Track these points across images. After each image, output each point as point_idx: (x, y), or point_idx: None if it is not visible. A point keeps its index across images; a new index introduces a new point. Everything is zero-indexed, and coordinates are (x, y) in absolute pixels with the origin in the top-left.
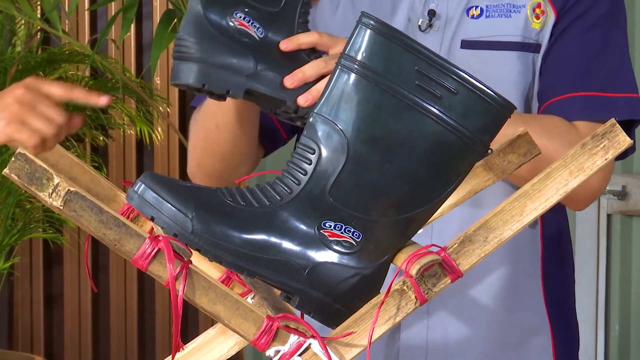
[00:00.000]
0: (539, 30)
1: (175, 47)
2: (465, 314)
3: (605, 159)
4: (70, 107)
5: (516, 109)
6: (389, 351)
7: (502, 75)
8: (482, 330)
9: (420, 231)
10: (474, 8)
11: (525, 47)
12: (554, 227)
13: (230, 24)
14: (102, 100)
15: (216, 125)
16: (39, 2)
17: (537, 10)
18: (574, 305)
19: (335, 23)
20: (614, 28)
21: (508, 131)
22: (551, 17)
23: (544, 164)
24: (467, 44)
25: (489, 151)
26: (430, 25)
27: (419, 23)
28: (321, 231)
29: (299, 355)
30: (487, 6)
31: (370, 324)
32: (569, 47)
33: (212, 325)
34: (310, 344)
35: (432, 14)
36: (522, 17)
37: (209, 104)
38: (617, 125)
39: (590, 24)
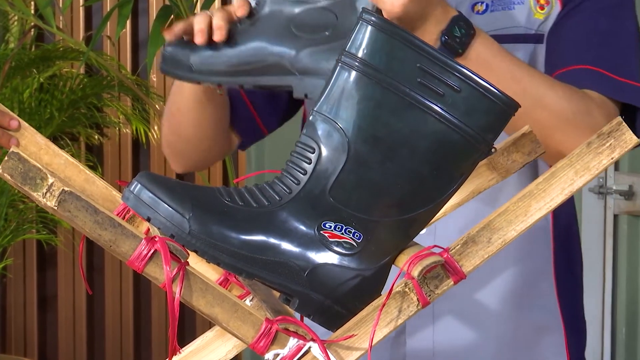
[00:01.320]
0: (543, 21)
1: None
2: (474, 314)
3: (612, 158)
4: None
5: (520, 107)
6: (394, 354)
7: None
8: (492, 331)
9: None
10: (479, 4)
11: (527, 38)
12: (565, 222)
13: None
14: (13, 124)
15: (178, 108)
16: None
17: (542, 1)
18: (583, 302)
19: None
20: (625, 18)
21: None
22: (556, 7)
23: (558, 127)
24: None
25: (493, 150)
26: None
27: None
28: (321, 232)
29: (299, 358)
30: (492, 1)
31: (371, 327)
32: (578, 24)
33: (210, 328)
34: (310, 347)
35: None
36: (525, 8)
37: (175, 84)
38: (624, 123)
39: (600, 7)
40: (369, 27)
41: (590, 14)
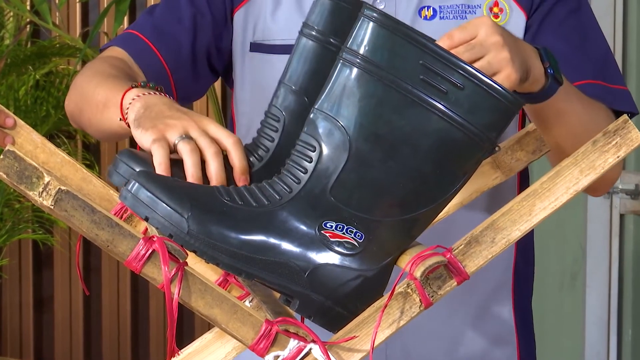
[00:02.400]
0: None
1: None
2: (429, 325)
3: (618, 157)
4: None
5: (525, 104)
6: None
7: None
8: (445, 343)
9: None
10: (426, 8)
11: None
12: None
13: None
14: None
15: (89, 119)
16: None
17: (495, 9)
18: (531, 306)
19: (277, 22)
20: (589, 12)
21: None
22: (516, 15)
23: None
24: None
25: (497, 148)
26: None
27: None
28: (322, 232)
29: None
30: (440, 7)
31: (373, 328)
32: (560, 36)
33: (209, 329)
34: (310, 349)
35: None
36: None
37: (97, 100)
38: (630, 121)
39: (569, 9)
40: (371, 23)
41: (565, 19)
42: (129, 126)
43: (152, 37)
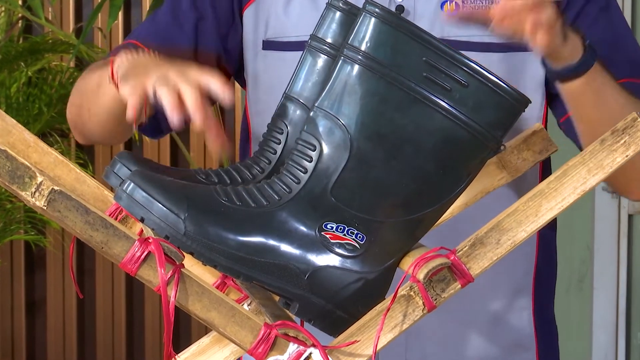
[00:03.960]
0: None
1: None
2: (448, 331)
3: (626, 156)
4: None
5: (531, 102)
6: None
7: None
8: (464, 348)
9: None
10: (449, 2)
11: (512, 47)
12: (550, 230)
13: None
14: None
15: (88, 109)
16: None
17: None
18: (554, 314)
19: (290, 17)
20: (617, 9)
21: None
22: None
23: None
24: None
25: (502, 148)
26: None
27: None
28: (322, 233)
29: None
30: (463, 1)
31: (375, 332)
32: (597, 34)
33: (206, 333)
34: (310, 353)
35: (400, 9)
36: None
37: (92, 84)
38: (639, 119)
39: (600, 7)
40: (373, 19)
41: (597, 18)
42: (118, 88)
43: (154, 47)
